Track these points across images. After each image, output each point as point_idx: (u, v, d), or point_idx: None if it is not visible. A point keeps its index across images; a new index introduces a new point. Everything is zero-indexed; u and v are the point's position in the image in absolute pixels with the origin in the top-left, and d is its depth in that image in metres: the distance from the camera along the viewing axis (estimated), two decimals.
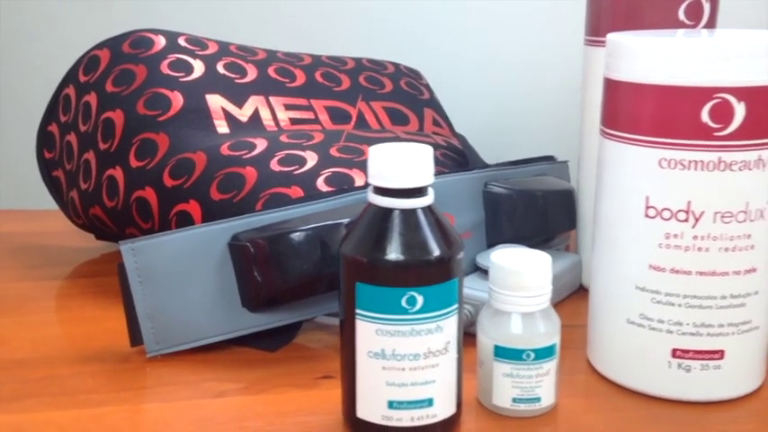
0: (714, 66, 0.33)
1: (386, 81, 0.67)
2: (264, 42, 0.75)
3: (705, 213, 0.34)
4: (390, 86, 0.66)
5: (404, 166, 0.32)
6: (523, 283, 0.35)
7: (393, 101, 0.65)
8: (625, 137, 0.36)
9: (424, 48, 0.76)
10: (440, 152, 0.58)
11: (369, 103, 0.64)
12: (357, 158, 0.52)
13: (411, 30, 0.76)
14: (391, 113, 0.64)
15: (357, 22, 0.77)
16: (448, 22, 0.76)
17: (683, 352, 0.36)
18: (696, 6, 0.44)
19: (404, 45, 0.77)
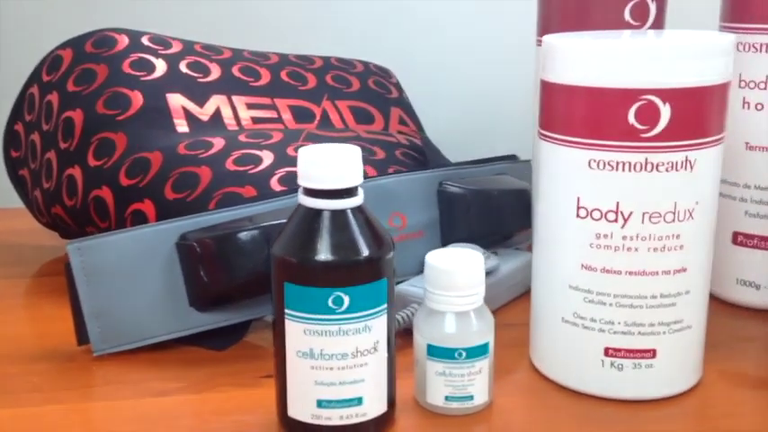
0: (639, 67, 0.33)
1: (353, 80, 0.67)
2: (244, 43, 0.75)
3: (633, 214, 0.35)
4: (357, 85, 0.67)
5: (331, 167, 0.32)
6: (456, 283, 0.35)
7: (359, 100, 0.66)
8: (558, 138, 0.36)
9: (400, 47, 0.77)
10: (400, 151, 0.58)
11: (334, 102, 0.65)
12: None
13: (386, 29, 0.76)
14: (356, 112, 0.64)
15: (334, 22, 0.77)
16: (423, 22, 0.76)
17: (615, 350, 0.37)
18: (642, 7, 0.45)
19: (380, 45, 0.77)
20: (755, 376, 0.40)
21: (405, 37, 0.76)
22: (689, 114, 0.34)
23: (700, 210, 0.35)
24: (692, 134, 0.34)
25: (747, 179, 0.46)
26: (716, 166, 0.36)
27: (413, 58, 0.76)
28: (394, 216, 0.49)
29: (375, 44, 0.77)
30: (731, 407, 0.37)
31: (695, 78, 0.33)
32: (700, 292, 0.37)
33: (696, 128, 0.34)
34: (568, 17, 0.46)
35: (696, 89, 0.34)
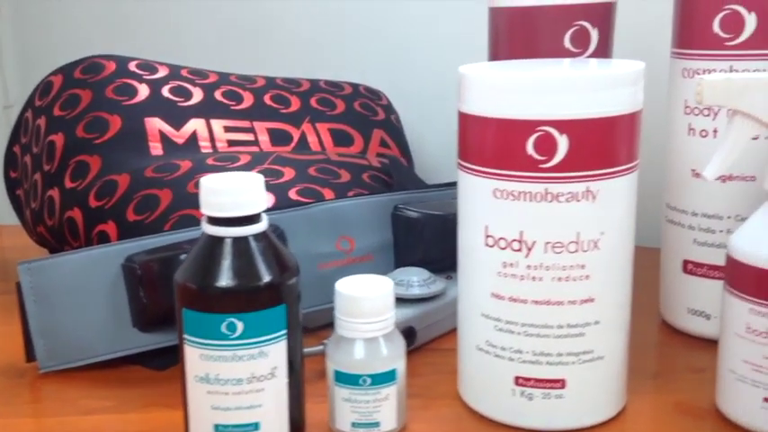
0: (536, 99, 0.33)
1: (338, 102, 0.68)
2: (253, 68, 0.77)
3: (537, 243, 0.35)
4: (342, 108, 0.68)
5: (232, 195, 0.33)
6: (363, 310, 0.36)
7: (341, 122, 0.67)
8: (469, 167, 0.36)
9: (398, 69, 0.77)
10: (368, 174, 0.59)
11: (315, 124, 0.66)
12: (273, 181, 0.54)
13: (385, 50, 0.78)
14: (336, 135, 0.66)
15: (337, 46, 0.79)
16: (422, 45, 0.77)
17: (524, 380, 0.36)
18: (582, 34, 0.45)
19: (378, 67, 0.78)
20: (692, 407, 0.39)
21: (404, 59, 0.77)
22: (588, 145, 0.34)
23: (606, 240, 0.35)
24: (592, 165, 0.34)
25: (695, 207, 0.45)
26: (625, 196, 0.36)
27: (410, 80, 0.77)
28: (341, 240, 0.50)
29: (374, 66, 0.78)
30: None
31: (593, 109, 0.33)
32: (612, 323, 0.36)
33: (597, 158, 0.34)
34: (514, 45, 0.46)
35: (594, 120, 0.33)
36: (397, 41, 0.75)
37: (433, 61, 0.74)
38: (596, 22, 0.45)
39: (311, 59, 0.80)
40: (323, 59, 0.79)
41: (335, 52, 0.78)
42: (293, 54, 0.80)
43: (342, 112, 0.68)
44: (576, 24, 0.44)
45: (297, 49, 0.80)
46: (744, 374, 0.36)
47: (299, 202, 0.51)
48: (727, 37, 0.42)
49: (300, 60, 0.80)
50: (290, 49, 0.80)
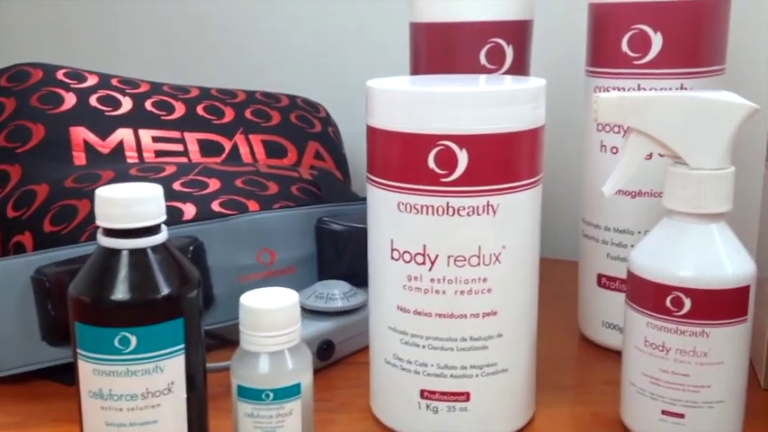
0: (436, 114, 0.34)
1: (274, 114, 0.68)
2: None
3: (439, 257, 0.35)
4: (278, 119, 0.68)
5: (127, 206, 0.33)
6: (266, 323, 0.35)
7: (275, 134, 0.67)
8: (375, 181, 0.37)
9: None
10: (297, 186, 0.59)
11: (248, 136, 0.66)
12: (196, 192, 0.53)
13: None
14: (269, 147, 0.65)
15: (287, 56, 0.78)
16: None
17: (430, 393, 0.37)
18: (497, 51, 0.45)
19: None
20: (600, 419, 0.40)
21: (345, 72, 0.77)
22: (487, 160, 0.34)
23: (508, 254, 0.35)
24: (492, 179, 0.34)
25: (608, 222, 0.46)
26: (527, 210, 0.36)
27: (351, 94, 0.77)
28: (262, 252, 0.49)
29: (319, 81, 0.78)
30: None
31: (492, 125, 0.34)
32: (515, 336, 0.37)
33: (497, 173, 0.34)
34: (433, 60, 0.47)
35: (493, 135, 0.34)
36: (339, 54, 0.75)
37: (374, 75, 0.74)
38: (511, 40, 0.45)
39: (253, 72, 0.79)
40: (264, 72, 0.79)
41: (277, 65, 0.78)
42: (235, 67, 0.80)
43: (277, 123, 0.67)
44: (491, 41, 0.45)
45: (239, 62, 0.79)
46: (643, 387, 0.36)
47: (221, 213, 0.51)
48: (635, 56, 0.43)
49: (243, 73, 0.80)
50: (232, 62, 0.80)
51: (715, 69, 0.43)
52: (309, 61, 0.77)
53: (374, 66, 0.74)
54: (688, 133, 0.34)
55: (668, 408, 0.36)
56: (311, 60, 0.77)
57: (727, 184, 0.35)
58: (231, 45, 0.79)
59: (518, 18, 0.46)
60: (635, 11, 0.42)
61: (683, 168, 0.35)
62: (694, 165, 0.35)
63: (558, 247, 0.65)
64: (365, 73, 0.74)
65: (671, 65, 0.42)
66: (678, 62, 0.42)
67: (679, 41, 0.42)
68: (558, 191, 0.59)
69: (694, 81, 0.43)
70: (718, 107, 0.34)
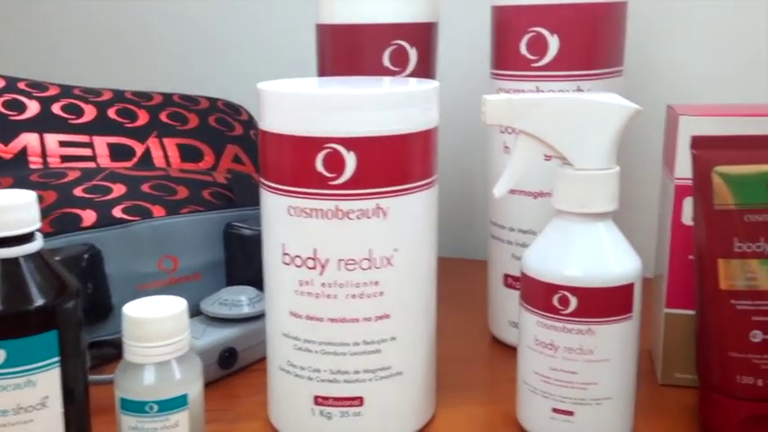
0: (323, 116, 0.33)
1: (191, 117, 0.67)
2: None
3: (330, 261, 0.35)
4: (195, 123, 0.66)
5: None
6: (149, 333, 0.34)
7: (191, 137, 0.65)
8: (267, 185, 0.36)
9: None
10: (209, 191, 0.58)
11: (162, 139, 0.64)
12: (98, 198, 0.51)
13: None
14: (184, 150, 0.64)
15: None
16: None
17: (323, 399, 0.36)
18: (400, 53, 0.45)
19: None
20: (500, 418, 0.40)
21: (272, 75, 0.76)
22: (376, 162, 0.34)
23: (399, 257, 0.35)
24: (382, 182, 0.34)
25: (512, 222, 0.47)
26: (420, 212, 0.36)
27: None
28: (164, 259, 0.48)
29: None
30: None
31: (380, 127, 0.34)
32: (410, 339, 0.37)
33: (386, 176, 0.34)
34: (337, 62, 0.47)
35: (382, 138, 0.34)
36: (263, 55, 0.74)
37: (301, 76, 0.74)
38: (415, 42, 0.45)
39: (177, 74, 0.78)
40: (187, 74, 0.77)
41: (200, 67, 0.77)
42: (159, 69, 0.78)
43: (194, 127, 0.66)
44: (394, 43, 0.45)
45: (163, 64, 0.78)
46: (535, 386, 0.37)
47: (122, 219, 0.49)
48: (534, 59, 0.43)
49: (169, 75, 0.78)
50: (156, 64, 0.78)
51: (611, 71, 0.44)
52: (233, 64, 0.75)
53: (301, 67, 0.73)
54: (573, 135, 0.35)
55: (558, 405, 0.36)
56: (235, 63, 0.75)
57: (612, 183, 0.35)
58: (154, 47, 0.77)
59: (421, 20, 0.46)
60: (532, 14, 0.43)
61: (569, 169, 0.35)
62: (580, 165, 0.35)
63: (474, 247, 0.65)
64: (294, 74, 0.73)
65: (567, 67, 0.43)
66: (574, 64, 0.43)
67: (575, 44, 0.43)
68: (470, 192, 0.59)
69: (591, 83, 0.43)
70: (601, 109, 0.34)
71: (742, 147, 0.35)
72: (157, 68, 0.78)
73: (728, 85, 0.56)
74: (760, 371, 0.36)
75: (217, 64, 0.76)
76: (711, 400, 0.37)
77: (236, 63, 0.75)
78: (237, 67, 0.75)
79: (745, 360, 0.36)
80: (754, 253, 0.35)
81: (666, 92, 0.58)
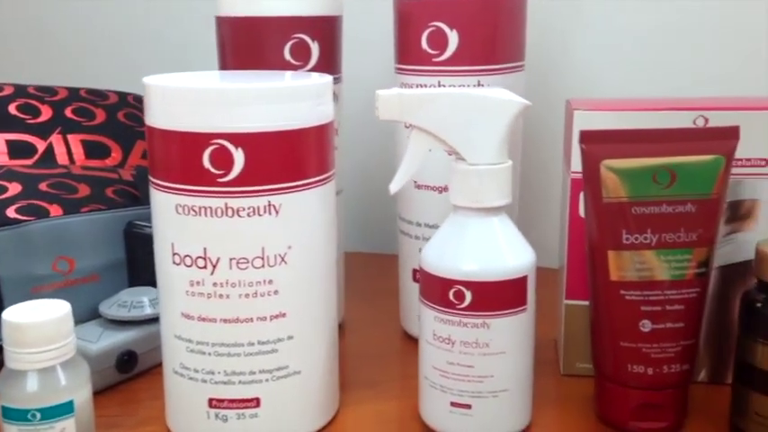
0: (208, 112, 0.32)
1: (99, 112, 0.64)
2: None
3: (221, 260, 0.34)
4: (102, 118, 0.64)
5: None
6: (30, 338, 0.33)
7: (98, 133, 0.63)
8: (155, 183, 0.35)
9: None
10: (113, 189, 0.56)
11: (66, 135, 0.61)
12: None
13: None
14: (89, 146, 0.62)
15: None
16: None
17: (218, 401, 0.35)
18: (302, 47, 0.45)
19: None
20: (403, 413, 0.40)
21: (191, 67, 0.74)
22: (266, 159, 0.33)
23: (294, 254, 0.35)
24: (272, 179, 0.33)
25: (419, 217, 0.47)
26: (315, 209, 0.35)
27: None
28: (59, 260, 0.46)
29: None
30: None
31: (268, 123, 0.33)
32: (306, 338, 0.36)
33: (277, 172, 0.34)
34: (238, 56, 0.46)
35: (271, 133, 0.33)
36: (183, 45, 0.72)
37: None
38: (316, 36, 0.45)
39: (84, 69, 0.75)
40: (94, 69, 0.75)
41: (113, 60, 0.74)
42: (65, 64, 0.75)
43: (101, 122, 0.64)
44: (294, 37, 0.44)
45: (70, 59, 0.75)
46: (434, 380, 0.37)
47: (16, 219, 0.47)
48: (434, 53, 0.43)
49: (76, 70, 0.75)
50: (62, 58, 0.75)
51: (512, 66, 0.45)
52: (142, 59, 0.73)
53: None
54: (464, 130, 0.35)
55: (456, 399, 0.36)
56: (145, 58, 0.73)
57: (504, 178, 0.35)
58: (63, 41, 0.74)
59: (323, 14, 0.45)
60: (432, 9, 0.43)
61: (462, 164, 0.35)
62: (472, 160, 0.35)
63: (387, 243, 0.65)
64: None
65: (468, 62, 0.43)
66: (474, 59, 0.43)
67: (474, 39, 0.43)
68: (380, 187, 0.59)
69: (491, 78, 0.44)
70: (490, 104, 0.35)
71: (629, 140, 0.36)
72: (63, 63, 0.75)
73: (629, 82, 0.57)
74: (650, 360, 0.37)
75: (125, 59, 0.74)
76: (605, 389, 0.38)
77: (147, 58, 0.73)
78: (147, 61, 0.73)
79: (636, 349, 0.37)
80: (642, 244, 0.36)
81: (571, 87, 0.59)
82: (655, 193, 0.36)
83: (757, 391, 0.35)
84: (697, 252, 0.36)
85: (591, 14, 0.58)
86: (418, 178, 0.46)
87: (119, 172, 0.60)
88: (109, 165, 0.63)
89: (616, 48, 0.57)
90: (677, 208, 0.35)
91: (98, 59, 0.75)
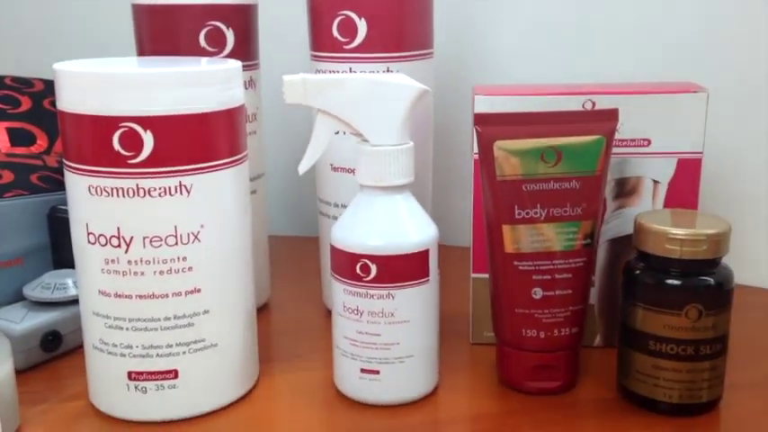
0: (117, 96, 0.34)
1: (24, 100, 0.64)
2: None
3: (135, 238, 0.35)
4: (28, 105, 0.64)
5: None
6: None
7: (23, 121, 0.63)
8: (68, 165, 0.36)
9: None
10: (38, 175, 0.56)
11: None
12: None
13: None
14: (14, 134, 0.62)
15: None
16: None
17: (137, 374, 0.37)
18: (217, 34, 0.46)
19: None
20: (321, 382, 0.42)
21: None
22: (175, 141, 0.35)
23: (207, 232, 0.37)
24: (182, 160, 0.35)
25: (336, 198, 0.49)
26: (226, 189, 0.37)
27: None
28: None
29: None
30: (289, 413, 0.39)
31: (175, 106, 0.35)
32: (222, 312, 0.38)
33: (187, 154, 0.35)
34: (154, 43, 0.47)
35: (178, 116, 0.35)
36: (108, 32, 0.72)
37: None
38: (231, 23, 0.46)
39: (13, 56, 0.74)
40: (22, 57, 0.74)
41: (38, 48, 0.74)
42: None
43: (26, 110, 0.64)
44: (209, 24, 0.46)
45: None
46: (345, 349, 0.39)
47: None
48: (345, 41, 0.45)
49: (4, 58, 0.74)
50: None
51: (421, 53, 0.47)
52: (69, 46, 0.73)
53: None
54: (366, 113, 0.37)
55: (365, 366, 0.39)
56: (71, 45, 0.73)
57: (406, 158, 0.38)
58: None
59: (237, 2, 0.47)
60: None
61: (366, 146, 0.38)
62: (375, 142, 0.37)
63: (309, 225, 0.67)
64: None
65: (377, 49, 0.45)
66: (383, 47, 0.45)
67: (383, 27, 0.45)
68: (307, 173, 0.62)
69: (400, 65, 0.46)
70: (390, 89, 0.37)
71: (520, 123, 0.39)
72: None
73: (537, 69, 0.60)
74: (542, 324, 0.40)
75: (51, 46, 0.73)
76: (504, 353, 0.41)
77: (70, 46, 0.73)
78: (70, 49, 0.73)
79: (529, 315, 0.40)
80: (532, 218, 0.39)
81: (486, 74, 0.61)
82: (543, 171, 0.38)
83: (637, 350, 0.39)
84: (584, 225, 0.39)
85: (502, 5, 0.60)
86: (334, 161, 0.48)
87: (44, 159, 0.61)
88: (34, 152, 0.63)
89: (526, 36, 0.60)
90: (563, 184, 0.39)
91: (21, 47, 0.74)
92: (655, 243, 0.37)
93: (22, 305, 0.46)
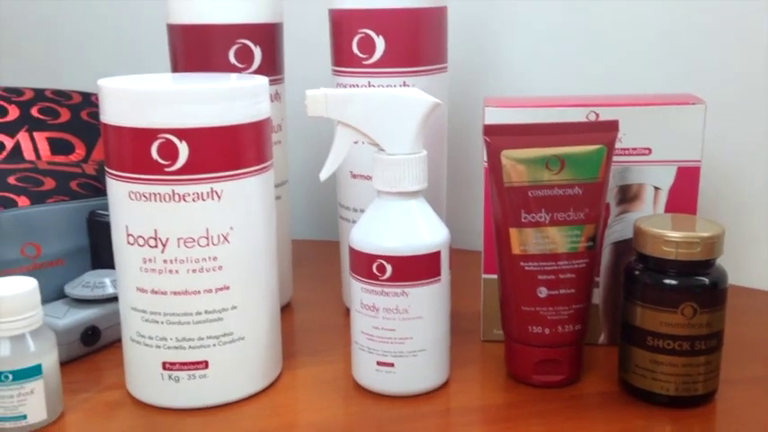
0: (155, 110, 0.37)
1: (63, 111, 0.68)
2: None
3: (170, 240, 0.39)
4: (67, 117, 0.68)
5: None
6: (1, 310, 0.37)
7: (63, 131, 0.67)
8: (110, 172, 0.40)
9: None
10: (77, 182, 0.60)
11: (32, 133, 0.66)
12: None
13: None
14: (54, 143, 0.66)
15: None
16: None
17: (171, 364, 0.40)
18: (245, 52, 0.49)
19: None
20: (340, 375, 0.45)
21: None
22: (208, 151, 0.38)
23: (235, 234, 0.40)
24: (214, 168, 0.38)
25: (355, 203, 0.52)
26: (254, 194, 0.40)
27: None
28: (27, 246, 0.51)
29: None
30: (310, 403, 0.42)
31: (208, 119, 0.38)
32: (249, 308, 0.41)
33: (218, 162, 0.39)
34: (188, 59, 0.50)
35: (211, 128, 0.38)
36: (143, 48, 0.76)
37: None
38: (258, 41, 0.50)
39: (53, 69, 0.79)
40: (65, 68, 0.78)
41: (76, 61, 0.78)
42: (35, 65, 0.78)
43: (65, 121, 0.68)
44: (238, 42, 0.49)
45: (36, 60, 0.78)
46: (362, 343, 0.42)
47: None
48: (364, 57, 0.49)
49: (44, 70, 0.79)
50: (31, 59, 0.78)
51: (435, 68, 0.50)
52: (105, 62, 0.77)
53: None
54: (382, 124, 0.40)
55: (381, 359, 0.42)
56: (105, 61, 0.77)
57: (420, 166, 0.41)
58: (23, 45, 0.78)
59: (264, 21, 0.50)
60: (360, 17, 0.48)
61: (382, 155, 0.41)
62: (391, 151, 0.40)
63: (330, 229, 0.70)
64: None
65: (394, 65, 0.48)
66: (400, 62, 0.48)
67: (399, 44, 0.48)
68: (328, 180, 0.65)
69: (416, 78, 0.49)
70: (405, 102, 0.40)
71: (525, 133, 0.42)
72: (29, 63, 0.79)
73: (544, 79, 0.62)
74: (547, 321, 0.42)
75: (88, 60, 0.78)
76: (512, 349, 0.44)
77: (108, 59, 0.77)
78: (108, 63, 0.77)
79: (535, 313, 0.42)
80: (537, 222, 0.42)
81: (492, 86, 0.64)
82: (548, 178, 0.41)
83: (636, 346, 0.41)
84: (587, 228, 0.42)
85: (513, 20, 0.63)
86: (353, 168, 0.51)
87: (82, 167, 0.65)
88: (73, 160, 0.67)
89: (535, 49, 0.63)
90: (567, 191, 0.41)
91: (62, 61, 0.79)
92: (653, 245, 0.40)
93: (64, 302, 0.49)
